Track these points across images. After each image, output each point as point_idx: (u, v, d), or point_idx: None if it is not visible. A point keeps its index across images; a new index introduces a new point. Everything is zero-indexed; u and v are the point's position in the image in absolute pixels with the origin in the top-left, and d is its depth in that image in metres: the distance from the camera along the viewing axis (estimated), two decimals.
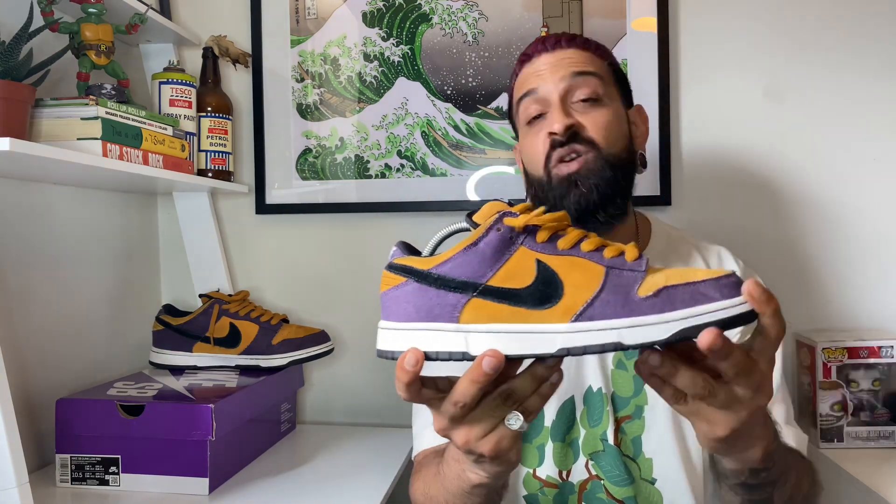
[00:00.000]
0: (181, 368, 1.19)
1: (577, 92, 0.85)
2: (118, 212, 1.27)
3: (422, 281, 0.52)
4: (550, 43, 0.88)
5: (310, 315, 1.35)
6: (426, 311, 0.51)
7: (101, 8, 1.02)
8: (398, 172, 1.32)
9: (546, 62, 0.87)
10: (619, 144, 0.85)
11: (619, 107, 0.88)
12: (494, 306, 0.50)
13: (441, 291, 0.51)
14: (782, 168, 1.25)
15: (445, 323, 0.51)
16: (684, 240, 0.97)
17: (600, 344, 0.48)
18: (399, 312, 0.52)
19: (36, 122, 0.90)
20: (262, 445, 1.14)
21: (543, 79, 0.86)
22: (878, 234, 1.23)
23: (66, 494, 0.95)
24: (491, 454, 0.54)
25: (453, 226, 0.56)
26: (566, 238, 0.52)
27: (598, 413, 0.87)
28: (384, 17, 1.31)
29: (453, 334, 0.50)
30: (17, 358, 1.00)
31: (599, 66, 0.87)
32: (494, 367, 0.49)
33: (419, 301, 0.51)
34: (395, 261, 0.54)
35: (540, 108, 0.86)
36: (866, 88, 1.22)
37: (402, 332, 0.52)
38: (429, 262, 0.52)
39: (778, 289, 1.22)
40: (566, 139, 0.83)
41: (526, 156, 0.90)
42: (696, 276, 0.49)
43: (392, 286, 0.53)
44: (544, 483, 0.87)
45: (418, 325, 0.51)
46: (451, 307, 0.51)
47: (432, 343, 0.51)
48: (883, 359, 1.10)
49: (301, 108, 1.34)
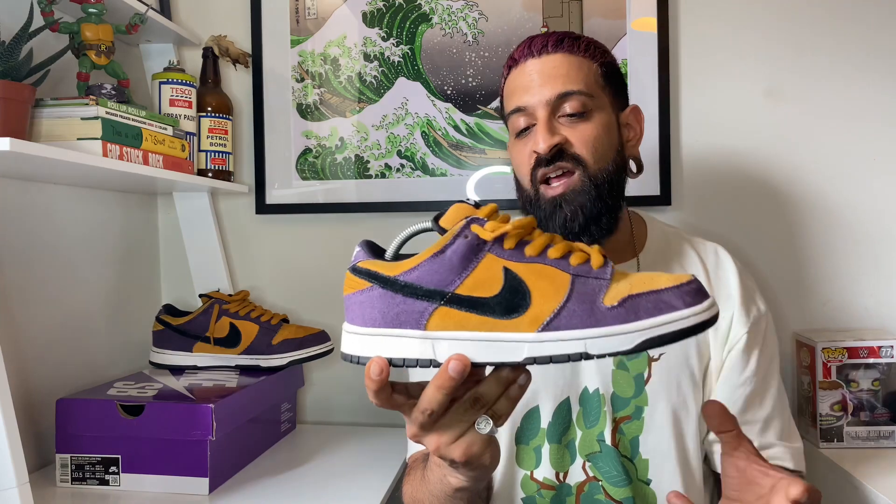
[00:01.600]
0: (181, 368, 1.19)
1: (564, 106, 0.84)
2: (118, 212, 1.27)
3: (388, 287, 0.51)
4: (537, 47, 0.86)
5: (310, 315, 1.35)
6: (392, 318, 0.51)
7: (101, 8, 1.02)
8: (398, 172, 1.32)
9: (533, 70, 0.85)
10: (607, 157, 0.85)
11: (609, 115, 0.86)
12: (462, 315, 0.50)
13: (408, 298, 0.51)
14: (782, 168, 1.25)
15: (412, 330, 0.50)
16: (680, 238, 0.96)
17: (566, 354, 0.49)
18: (364, 317, 0.52)
19: (36, 122, 0.90)
20: (262, 445, 1.14)
21: (531, 93, 0.84)
22: (879, 234, 1.23)
23: (66, 494, 0.95)
24: (462, 459, 0.54)
25: (416, 226, 0.55)
26: (533, 245, 0.52)
27: (595, 414, 0.87)
28: (384, 17, 1.31)
29: (420, 341, 0.50)
30: (17, 358, 1.00)
31: (588, 74, 0.85)
32: (460, 372, 0.49)
33: (385, 307, 0.51)
34: (360, 264, 0.53)
35: (528, 121, 0.86)
36: (866, 88, 1.22)
37: (368, 338, 0.52)
38: (395, 267, 0.51)
39: (778, 288, 1.22)
40: (551, 157, 0.83)
41: (514, 164, 0.91)
42: (660, 284, 0.49)
43: (357, 290, 0.52)
44: (541, 485, 0.87)
45: (384, 331, 0.51)
46: (417, 314, 0.50)
47: (399, 350, 0.51)
48: (883, 359, 1.10)
49: (301, 108, 1.34)
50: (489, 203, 0.54)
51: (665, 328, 0.48)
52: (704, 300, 0.49)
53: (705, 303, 0.49)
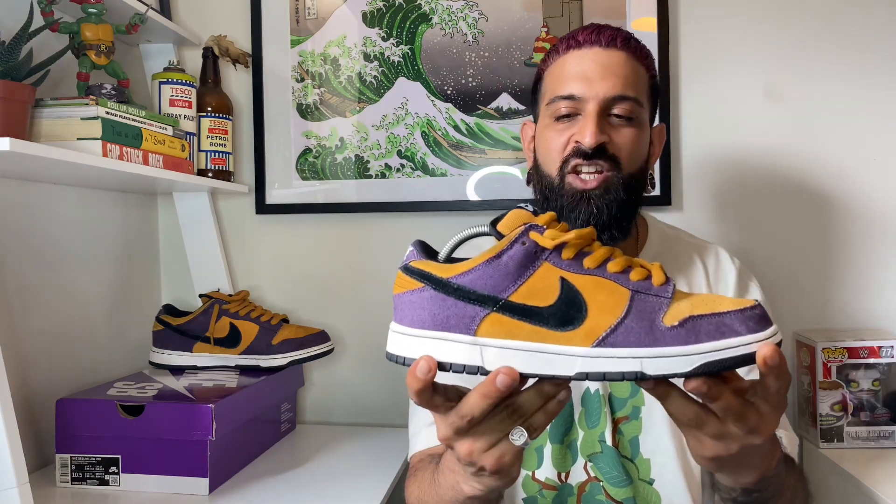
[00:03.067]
0: (181, 368, 1.19)
1: (616, 107, 0.83)
2: (118, 212, 1.27)
3: (440, 289, 0.50)
4: (606, 38, 0.83)
5: (310, 315, 1.35)
6: (442, 321, 0.49)
7: (101, 8, 1.02)
8: (398, 172, 1.32)
9: (595, 60, 0.83)
10: (637, 164, 0.85)
11: (646, 128, 0.87)
12: (514, 323, 0.49)
13: (460, 302, 0.49)
14: (782, 168, 1.25)
15: (461, 334, 0.49)
16: (681, 239, 0.96)
17: (621, 372, 0.47)
18: (413, 318, 0.50)
19: (36, 122, 0.90)
20: (262, 445, 1.14)
21: (589, 84, 0.82)
22: (879, 234, 1.23)
23: (66, 494, 0.95)
24: (493, 468, 0.53)
25: (473, 229, 0.53)
26: (593, 256, 0.50)
27: (596, 414, 0.87)
28: (384, 17, 1.31)
29: (468, 347, 0.49)
30: (17, 358, 1.00)
31: (642, 83, 0.85)
32: (508, 385, 0.48)
33: (435, 309, 0.50)
34: (413, 264, 0.51)
35: (572, 108, 0.84)
36: (866, 88, 1.22)
37: (415, 339, 0.50)
38: (449, 269, 0.50)
39: (778, 288, 1.22)
40: (592, 153, 0.81)
41: (543, 148, 0.88)
42: (722, 307, 0.48)
43: (408, 290, 0.51)
44: (543, 485, 0.87)
45: (432, 333, 0.50)
46: (468, 319, 0.49)
47: (446, 353, 0.49)
48: (883, 359, 1.10)
49: (301, 108, 1.34)
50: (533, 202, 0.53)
51: (726, 353, 0.47)
52: (768, 327, 0.48)
53: (769, 330, 0.47)
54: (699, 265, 0.93)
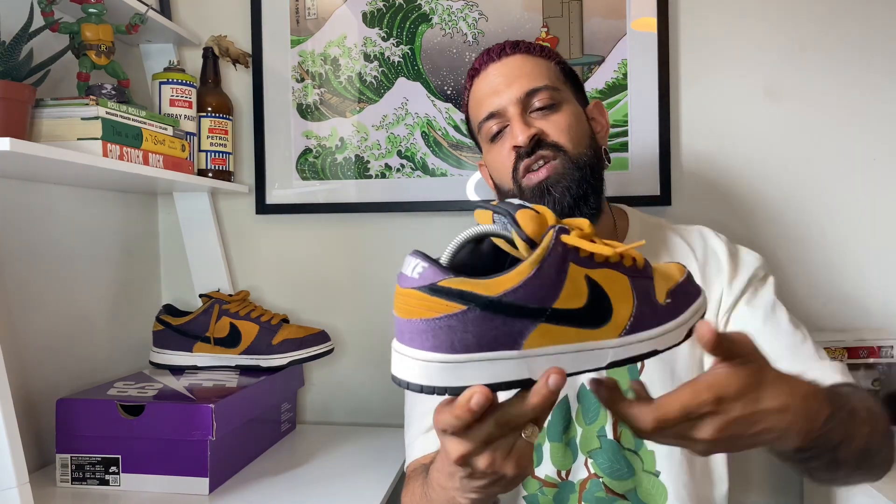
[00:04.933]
0: (181, 368, 1.19)
1: (534, 102, 0.86)
2: (118, 212, 1.27)
3: (488, 309, 0.45)
4: (496, 52, 0.90)
5: (310, 315, 1.35)
6: (489, 341, 0.46)
7: (101, 8, 1.02)
8: (398, 172, 1.32)
9: (497, 73, 0.88)
10: (583, 143, 0.87)
11: (576, 107, 0.90)
12: (559, 330, 0.47)
13: (509, 318, 0.46)
14: (782, 168, 1.25)
15: (508, 351, 0.46)
16: (664, 227, 0.97)
17: (641, 354, 0.49)
18: (454, 343, 0.46)
19: (36, 122, 0.90)
20: (262, 445, 1.14)
21: (499, 95, 0.87)
22: (879, 234, 1.23)
23: (66, 494, 0.95)
24: (515, 472, 0.52)
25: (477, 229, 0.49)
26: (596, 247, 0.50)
27: (595, 410, 0.87)
28: (384, 17, 1.31)
29: (517, 362, 0.46)
30: (17, 358, 1.00)
31: (548, 71, 0.89)
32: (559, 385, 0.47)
33: (481, 331, 0.45)
34: (446, 284, 0.45)
35: (501, 123, 0.88)
36: (866, 88, 1.22)
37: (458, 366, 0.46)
38: (494, 285, 0.46)
39: (778, 288, 1.22)
40: (531, 149, 0.84)
41: (494, 170, 0.92)
42: (676, 275, 0.52)
43: (442, 314, 0.45)
44: (543, 483, 0.87)
45: (478, 356, 0.46)
46: (516, 334, 0.46)
47: (495, 375, 0.46)
48: (883, 359, 1.10)
49: (301, 108, 1.34)
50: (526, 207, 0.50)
51: (697, 315, 0.52)
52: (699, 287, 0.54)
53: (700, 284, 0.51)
54: (686, 248, 0.93)
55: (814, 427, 0.58)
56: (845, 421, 0.63)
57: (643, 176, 1.25)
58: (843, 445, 0.63)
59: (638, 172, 1.26)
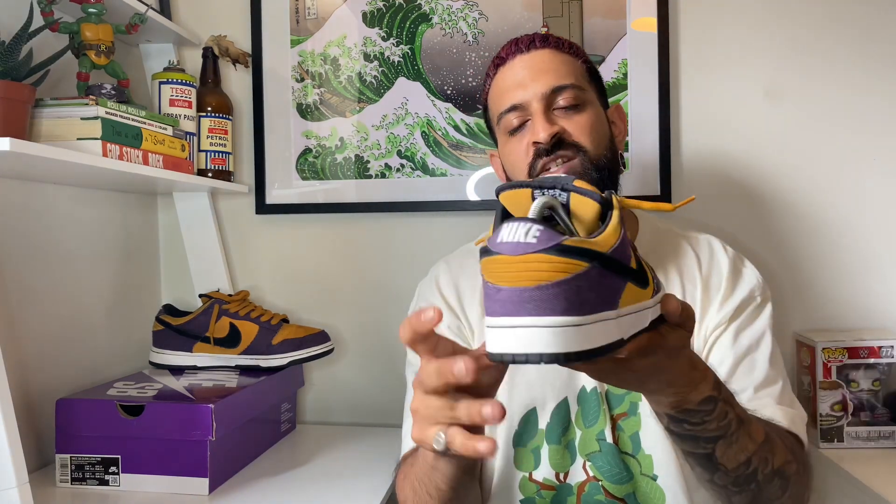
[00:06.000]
0: (181, 368, 1.19)
1: (558, 99, 0.85)
2: (118, 212, 1.27)
3: (606, 266, 0.44)
4: (524, 44, 0.87)
5: (310, 315, 1.35)
6: (604, 299, 0.44)
7: (101, 8, 1.02)
8: (398, 172, 1.32)
9: (524, 65, 0.87)
10: (603, 145, 0.86)
11: (599, 108, 0.89)
12: (634, 289, 0.48)
13: (615, 276, 0.45)
14: (782, 168, 1.25)
15: (611, 310, 0.45)
16: (672, 231, 0.96)
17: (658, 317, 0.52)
18: (582, 304, 0.43)
19: (36, 122, 0.90)
20: (262, 445, 1.14)
21: (524, 88, 0.86)
22: (878, 234, 1.23)
23: (66, 494, 0.95)
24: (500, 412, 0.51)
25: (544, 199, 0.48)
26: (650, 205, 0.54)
27: (594, 413, 0.87)
28: (384, 17, 1.31)
29: (616, 321, 0.45)
30: (17, 358, 1.00)
31: (575, 69, 0.87)
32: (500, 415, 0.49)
33: (601, 288, 0.44)
34: (571, 242, 0.43)
35: (522, 117, 0.86)
36: (866, 88, 1.22)
37: (590, 327, 0.44)
38: (602, 244, 0.45)
39: (778, 288, 1.22)
40: (551, 147, 0.83)
41: (509, 164, 0.91)
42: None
43: (573, 272, 0.42)
44: (541, 485, 0.87)
45: (602, 315, 0.44)
46: (614, 292, 0.45)
47: (607, 334, 0.45)
48: (883, 359, 1.10)
49: (301, 108, 1.34)
50: None
51: None
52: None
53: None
54: (692, 255, 0.92)
55: (689, 394, 0.59)
56: (729, 420, 0.63)
57: (643, 176, 1.25)
58: (720, 444, 0.63)
59: (638, 172, 1.26)
